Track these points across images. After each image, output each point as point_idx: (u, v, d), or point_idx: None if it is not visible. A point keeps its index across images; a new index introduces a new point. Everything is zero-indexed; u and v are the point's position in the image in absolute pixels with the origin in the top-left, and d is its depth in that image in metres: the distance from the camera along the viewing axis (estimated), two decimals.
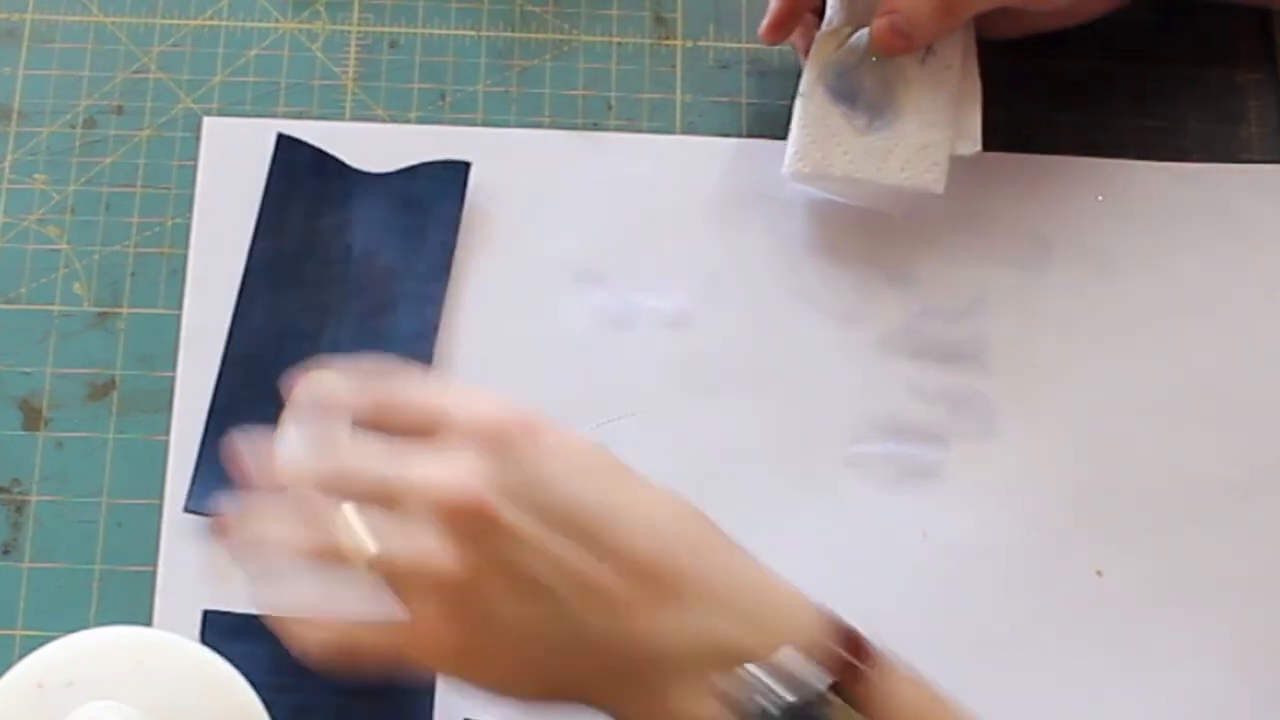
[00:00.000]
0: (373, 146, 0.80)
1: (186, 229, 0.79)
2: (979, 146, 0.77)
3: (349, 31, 0.83)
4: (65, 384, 0.76)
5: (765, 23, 0.79)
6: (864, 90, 0.77)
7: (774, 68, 0.84)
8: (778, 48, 0.83)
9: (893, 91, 0.77)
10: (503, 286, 0.79)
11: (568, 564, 0.60)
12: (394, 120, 0.82)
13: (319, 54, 0.83)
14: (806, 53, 0.79)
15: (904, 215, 0.79)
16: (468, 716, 0.71)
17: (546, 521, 0.60)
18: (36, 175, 0.80)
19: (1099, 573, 0.75)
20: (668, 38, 0.84)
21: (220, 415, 0.75)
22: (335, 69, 0.83)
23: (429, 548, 0.60)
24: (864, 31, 0.77)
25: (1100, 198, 0.82)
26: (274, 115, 0.81)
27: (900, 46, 0.76)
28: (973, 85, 0.78)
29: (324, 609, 0.63)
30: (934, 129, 0.76)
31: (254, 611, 0.72)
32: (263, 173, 0.79)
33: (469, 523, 0.60)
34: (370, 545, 0.61)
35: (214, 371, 0.76)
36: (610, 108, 0.82)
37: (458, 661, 0.61)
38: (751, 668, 0.58)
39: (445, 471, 0.61)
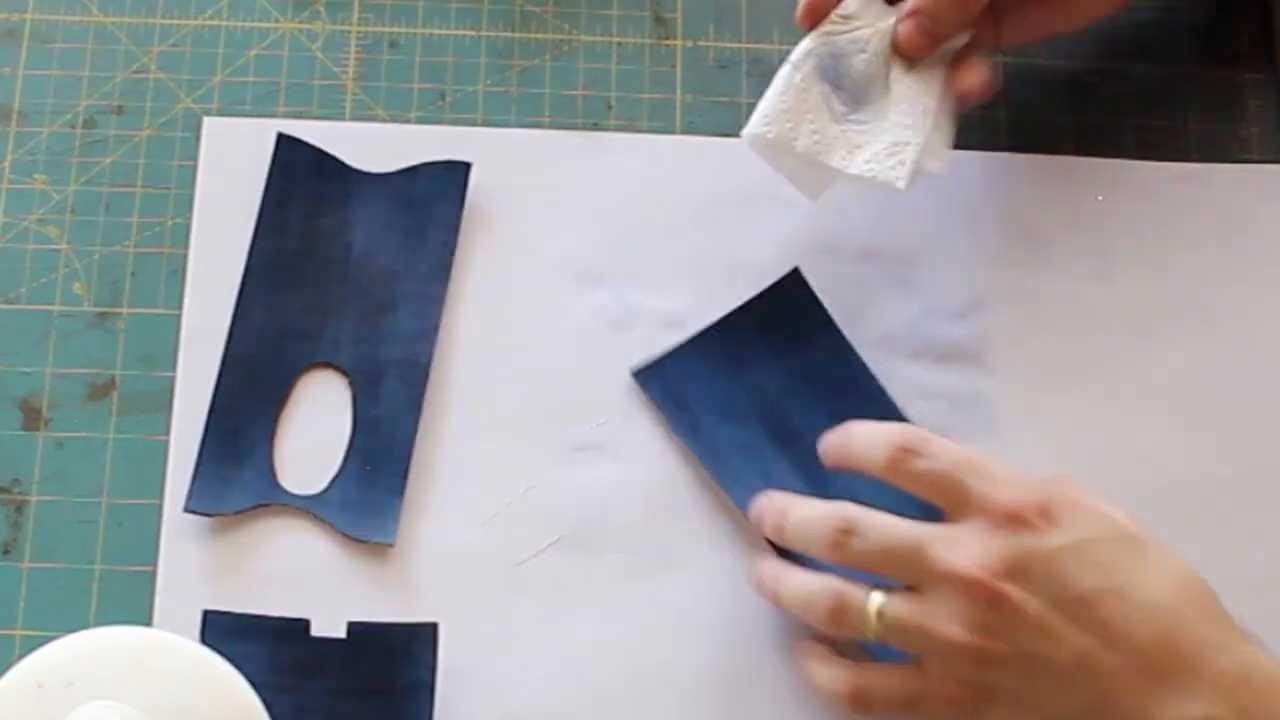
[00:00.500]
0: (373, 146, 0.80)
1: (186, 229, 0.79)
2: (943, 169, 0.77)
3: (349, 31, 0.83)
4: (65, 384, 0.76)
5: (802, 6, 0.77)
6: (852, 79, 0.76)
7: (774, 68, 0.83)
8: (778, 47, 0.83)
9: (878, 89, 0.76)
10: (503, 286, 0.79)
11: (1071, 644, 0.64)
12: (394, 120, 0.82)
13: (319, 54, 0.83)
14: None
15: (819, 202, 0.78)
16: None
17: (1055, 602, 0.64)
18: (36, 175, 0.80)
19: None
20: (668, 38, 0.84)
21: (220, 415, 0.75)
22: (335, 69, 0.83)
23: (940, 612, 0.65)
24: (876, 28, 0.76)
25: (1100, 198, 0.82)
26: (274, 115, 0.81)
27: (927, 46, 0.76)
28: (950, 108, 0.77)
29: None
30: (908, 131, 0.75)
31: (255, 611, 0.72)
32: (263, 173, 0.79)
33: (981, 599, 0.64)
34: (880, 596, 0.66)
35: (214, 371, 0.76)
36: (610, 108, 0.82)
37: (960, 716, 0.66)
38: None
39: (963, 552, 0.65)
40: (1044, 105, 0.83)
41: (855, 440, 0.70)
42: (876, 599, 0.66)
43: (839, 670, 0.69)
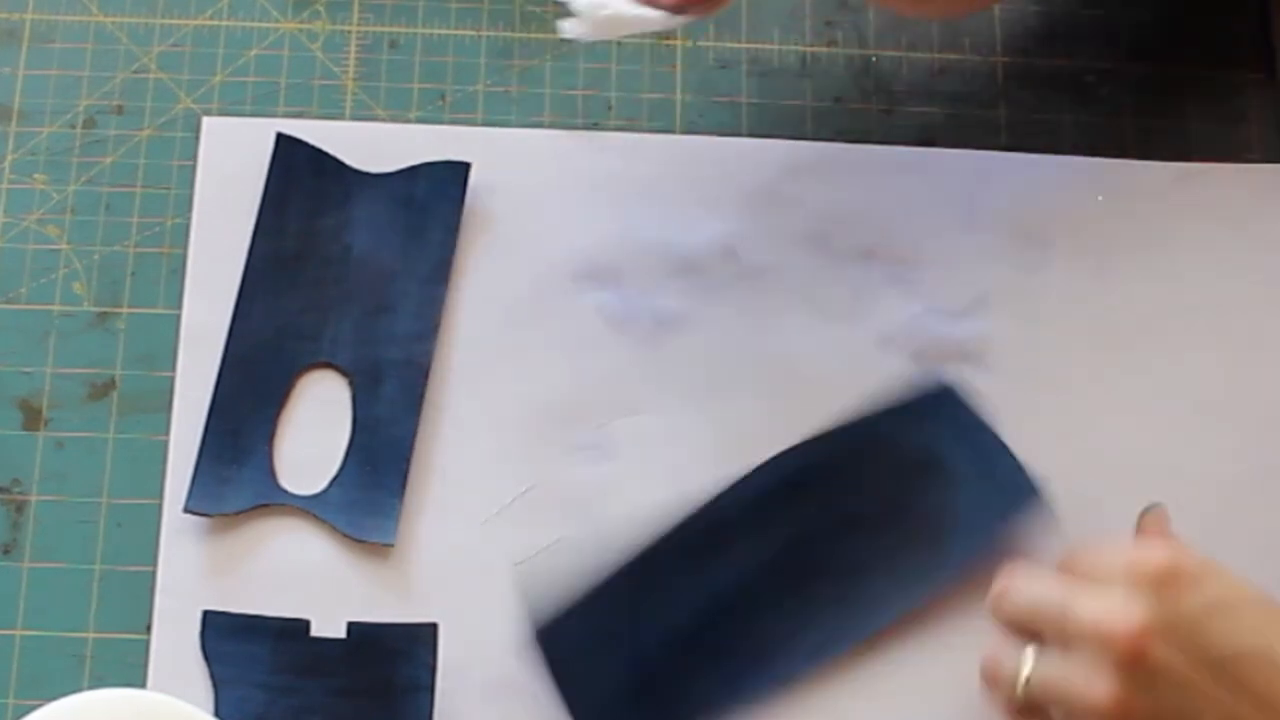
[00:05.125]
0: (373, 146, 0.80)
1: (186, 229, 0.79)
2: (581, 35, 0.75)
3: (349, 31, 0.83)
4: (65, 384, 0.76)
5: None
6: None
7: (774, 68, 0.84)
8: (778, 48, 0.83)
9: None
10: (503, 286, 0.79)
11: (1216, 707, 0.63)
12: (394, 120, 0.82)
13: (319, 54, 0.83)
14: None
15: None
16: None
17: (1200, 662, 0.63)
18: (36, 175, 0.80)
19: None
20: (668, 38, 0.84)
21: (220, 415, 0.75)
22: (335, 69, 0.83)
23: (1083, 677, 0.64)
24: None
25: (1100, 198, 0.82)
26: (274, 115, 0.81)
27: None
28: None
29: None
30: None
31: (255, 612, 0.72)
32: (262, 173, 0.79)
33: (1123, 658, 0.63)
34: (1030, 664, 0.66)
35: (214, 371, 0.76)
36: (610, 108, 0.82)
37: None
38: None
39: (1105, 607, 0.64)
40: (1044, 105, 0.83)
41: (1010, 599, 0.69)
42: (1028, 661, 0.66)
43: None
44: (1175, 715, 0.64)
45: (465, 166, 0.80)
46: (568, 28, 0.74)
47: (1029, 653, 0.66)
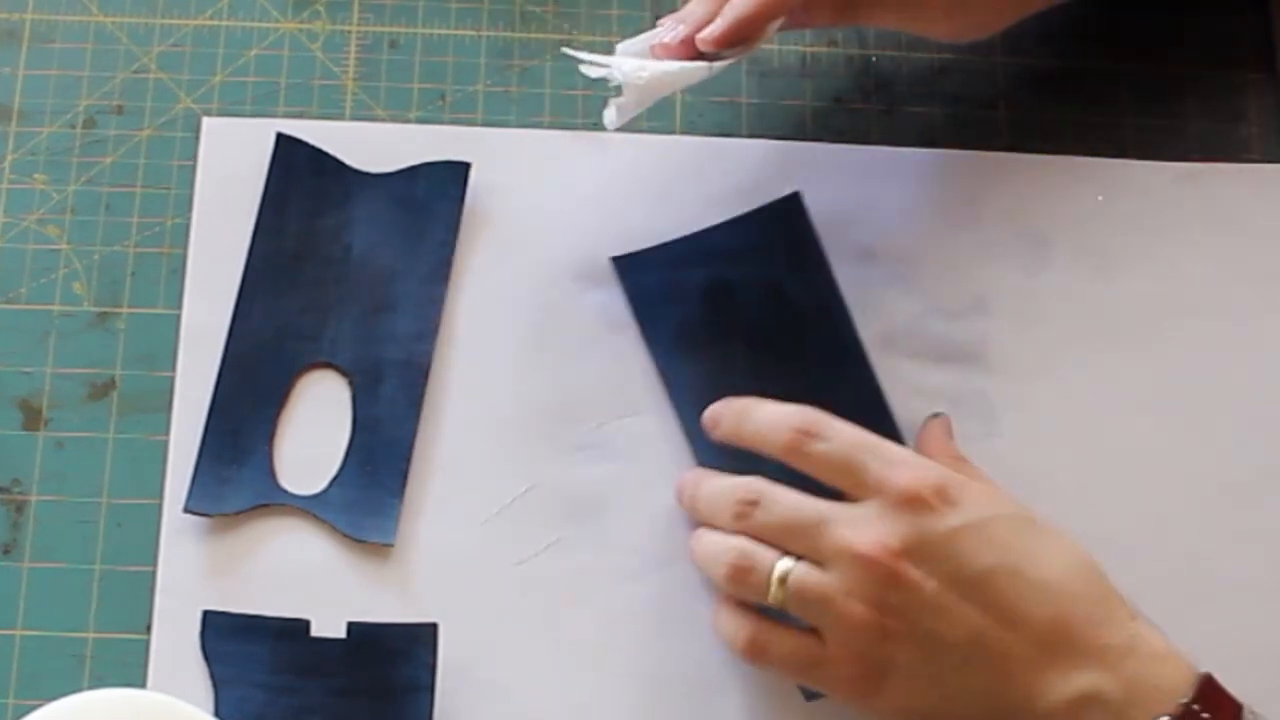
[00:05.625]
0: (373, 146, 0.80)
1: (186, 229, 0.79)
2: (614, 124, 0.75)
3: (349, 31, 0.83)
4: (65, 384, 0.76)
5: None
6: None
7: (774, 68, 0.84)
8: (778, 48, 0.83)
9: None
10: (503, 286, 0.79)
11: (966, 623, 0.66)
12: (394, 120, 0.82)
13: (319, 54, 0.83)
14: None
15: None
16: None
17: (951, 582, 0.66)
18: (36, 175, 0.80)
19: None
20: None
21: (220, 415, 0.75)
22: (335, 69, 0.83)
23: (840, 587, 0.67)
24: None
25: (1100, 198, 0.82)
26: (274, 115, 0.81)
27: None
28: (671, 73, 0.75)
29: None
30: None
31: (255, 612, 0.72)
32: (262, 173, 0.79)
33: (879, 576, 0.66)
34: (787, 563, 0.68)
35: (214, 371, 0.76)
36: None
37: (851, 689, 0.68)
38: None
39: (862, 530, 0.67)
40: (1044, 105, 0.83)
41: (752, 418, 0.71)
42: (782, 565, 0.68)
43: (743, 620, 0.70)
44: (929, 632, 0.66)
45: (465, 166, 0.80)
46: (610, 118, 0.74)
47: (789, 559, 0.68)
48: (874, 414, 0.76)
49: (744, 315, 0.78)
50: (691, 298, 0.78)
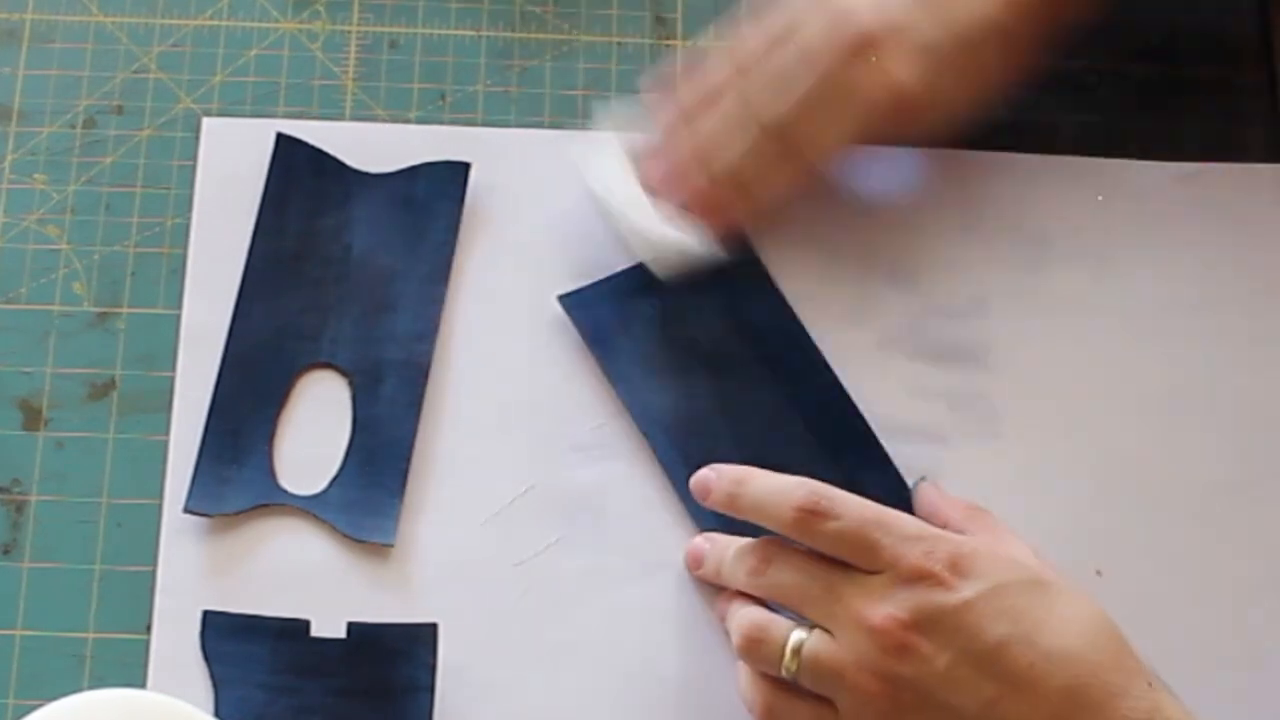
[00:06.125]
0: (373, 146, 0.80)
1: (186, 229, 0.79)
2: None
3: (349, 31, 0.83)
4: (65, 384, 0.76)
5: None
6: None
7: None
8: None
9: None
10: (503, 286, 0.79)
11: (980, 694, 0.65)
12: (394, 120, 0.82)
13: (319, 54, 0.83)
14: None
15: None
16: None
17: (964, 654, 0.65)
18: (36, 175, 0.80)
19: (1099, 573, 0.75)
20: (668, 38, 0.84)
21: (220, 415, 0.75)
22: (335, 69, 0.83)
23: (853, 662, 0.66)
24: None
25: (1100, 198, 0.82)
26: (274, 115, 0.81)
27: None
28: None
29: None
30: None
31: (255, 612, 0.72)
32: (262, 173, 0.79)
33: (891, 649, 0.66)
34: (800, 634, 0.67)
35: (214, 371, 0.76)
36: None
37: None
38: None
39: (875, 603, 0.66)
40: (1044, 105, 0.83)
41: (749, 493, 0.70)
42: (795, 636, 0.67)
43: (760, 686, 0.69)
44: (942, 704, 0.65)
45: (465, 166, 0.80)
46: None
47: (802, 629, 0.67)
48: (844, 420, 0.76)
49: (701, 340, 0.77)
50: (646, 327, 0.78)
